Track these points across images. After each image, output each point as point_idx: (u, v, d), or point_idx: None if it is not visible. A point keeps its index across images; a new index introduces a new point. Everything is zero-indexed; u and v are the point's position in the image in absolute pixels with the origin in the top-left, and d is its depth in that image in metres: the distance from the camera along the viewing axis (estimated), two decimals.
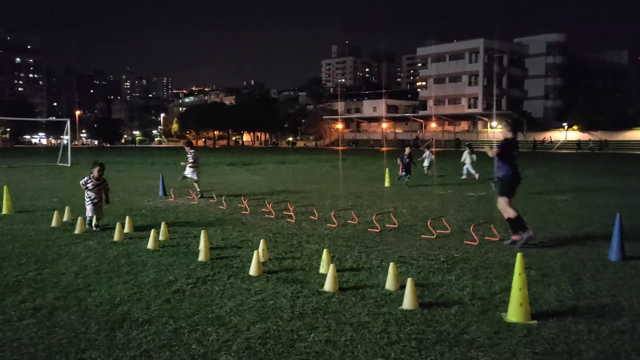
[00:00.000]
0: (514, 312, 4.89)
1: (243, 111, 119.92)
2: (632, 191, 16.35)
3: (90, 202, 9.44)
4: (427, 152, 22.72)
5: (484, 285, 6.00)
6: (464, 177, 20.97)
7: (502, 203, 8.26)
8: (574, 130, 77.60)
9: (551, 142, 74.81)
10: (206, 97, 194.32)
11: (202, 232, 7.42)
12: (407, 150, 19.01)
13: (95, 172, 9.47)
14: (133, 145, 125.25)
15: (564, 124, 79.55)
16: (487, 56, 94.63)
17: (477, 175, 20.09)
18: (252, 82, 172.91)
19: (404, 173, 18.52)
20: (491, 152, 8.13)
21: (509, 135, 8.27)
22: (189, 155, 14.94)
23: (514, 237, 8.14)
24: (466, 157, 20.88)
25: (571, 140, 75.03)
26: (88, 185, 9.45)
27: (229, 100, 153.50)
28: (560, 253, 7.61)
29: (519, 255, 4.96)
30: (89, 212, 9.46)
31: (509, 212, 8.16)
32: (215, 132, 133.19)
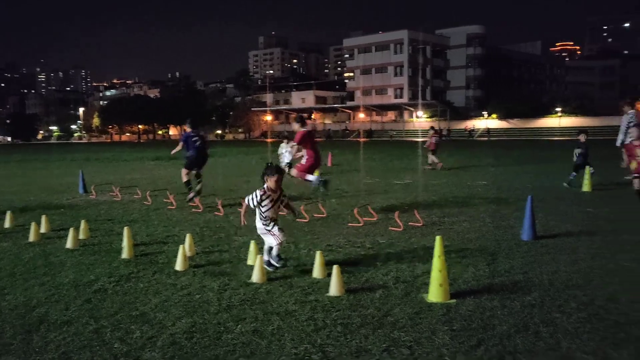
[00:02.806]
0: (435, 293, 5.11)
1: (168, 104, 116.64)
2: (544, 174, 17.40)
3: (271, 226, 6.13)
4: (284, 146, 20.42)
5: (407, 269, 6.21)
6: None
7: (182, 172, 12.06)
8: (493, 118, 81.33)
9: (473, 130, 78.05)
10: (129, 90, 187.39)
11: (125, 228, 7.19)
12: (583, 137, 14.19)
13: (271, 181, 6.12)
14: (53, 142, 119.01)
15: (484, 112, 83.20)
16: (411, 47, 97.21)
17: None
18: (177, 74, 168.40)
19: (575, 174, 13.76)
20: (178, 147, 11.92)
21: (189, 130, 11.90)
22: None
23: (190, 195, 11.71)
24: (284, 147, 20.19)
25: (493, 129, 78.56)
26: (263, 203, 6.09)
27: (153, 93, 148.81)
28: (478, 235, 7.99)
29: (438, 238, 5.18)
30: (276, 240, 6.09)
31: (183, 178, 12.08)
32: (140, 126, 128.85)
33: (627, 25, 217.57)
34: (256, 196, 6.04)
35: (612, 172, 16.68)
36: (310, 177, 10.63)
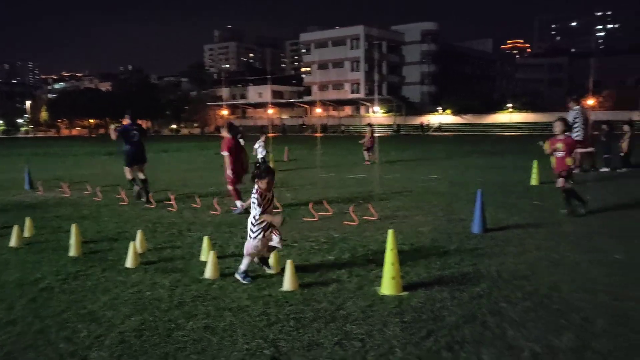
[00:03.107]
0: (387, 286, 5.18)
1: (121, 98, 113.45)
2: (495, 169, 17.88)
3: (260, 231, 5.66)
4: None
5: (361, 262, 6.27)
6: None
7: (125, 170, 11.55)
8: (447, 114, 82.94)
9: (428, 125, 79.37)
10: (79, 83, 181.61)
11: (73, 225, 6.98)
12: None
13: (263, 183, 5.64)
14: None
15: (439, 108, 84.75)
16: (367, 43, 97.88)
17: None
18: (130, 67, 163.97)
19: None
20: (113, 135, 11.49)
21: (128, 122, 11.49)
22: None
23: (136, 189, 11.37)
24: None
25: (447, 124, 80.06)
26: (260, 205, 5.62)
27: (105, 87, 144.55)
28: (430, 229, 8.14)
29: (390, 232, 5.25)
30: (248, 250, 5.65)
31: (127, 176, 11.55)
32: (91, 121, 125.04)
33: (574, 24, 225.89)
34: (256, 200, 5.55)
35: None
36: (237, 204, 9.97)
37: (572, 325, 4.31)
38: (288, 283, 5.29)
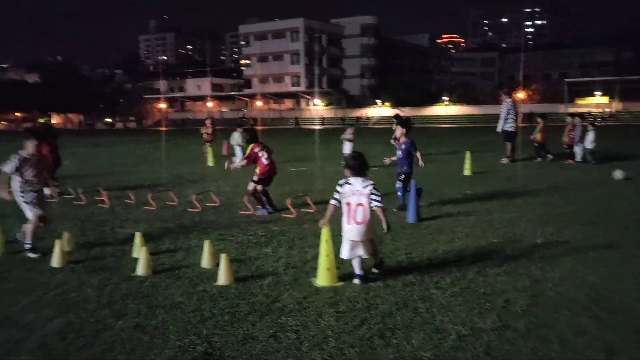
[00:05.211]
0: (323, 277, 5.22)
1: (50, 90, 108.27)
2: (431, 160, 18.32)
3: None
4: None
5: (297, 254, 6.28)
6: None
7: None
8: (386, 106, 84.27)
9: (367, 118, 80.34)
10: (2, 74, 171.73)
11: None
12: (399, 130, 9.87)
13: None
14: None
15: (378, 101, 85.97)
16: (307, 36, 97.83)
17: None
18: (59, 58, 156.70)
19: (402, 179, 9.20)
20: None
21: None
22: None
23: None
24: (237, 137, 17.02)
25: (385, 117, 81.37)
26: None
27: (32, 78, 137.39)
28: None
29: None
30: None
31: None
32: (17, 114, 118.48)
33: (505, 20, 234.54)
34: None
35: (492, 156, 18.01)
36: None
37: (495, 307, 4.50)
38: (223, 277, 5.23)
